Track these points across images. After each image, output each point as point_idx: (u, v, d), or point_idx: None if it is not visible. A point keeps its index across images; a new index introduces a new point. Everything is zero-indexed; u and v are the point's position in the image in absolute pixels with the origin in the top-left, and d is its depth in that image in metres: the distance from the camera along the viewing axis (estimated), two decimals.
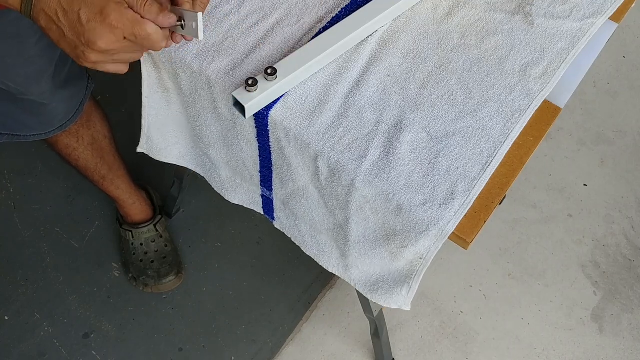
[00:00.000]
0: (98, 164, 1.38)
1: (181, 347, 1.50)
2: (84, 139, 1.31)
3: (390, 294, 0.95)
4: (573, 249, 1.66)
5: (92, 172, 1.40)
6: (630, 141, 1.84)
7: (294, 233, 1.05)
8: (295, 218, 1.02)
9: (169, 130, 1.08)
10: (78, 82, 1.19)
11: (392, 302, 0.96)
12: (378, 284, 0.96)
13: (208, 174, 1.11)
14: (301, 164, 0.90)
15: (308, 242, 1.03)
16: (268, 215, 1.08)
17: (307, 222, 1.00)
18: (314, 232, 1.01)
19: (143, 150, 1.11)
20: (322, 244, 1.01)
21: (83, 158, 1.35)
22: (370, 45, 0.92)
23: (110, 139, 1.37)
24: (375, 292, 0.97)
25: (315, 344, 1.52)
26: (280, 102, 0.88)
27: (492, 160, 0.84)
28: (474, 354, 1.51)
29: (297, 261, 1.61)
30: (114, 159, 1.42)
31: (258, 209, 1.09)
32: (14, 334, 1.50)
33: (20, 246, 1.61)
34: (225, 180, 1.09)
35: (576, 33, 0.95)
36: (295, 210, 1.00)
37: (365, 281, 0.98)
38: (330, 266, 1.02)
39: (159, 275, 1.53)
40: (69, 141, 1.30)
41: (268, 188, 1.02)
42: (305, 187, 0.94)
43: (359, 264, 0.96)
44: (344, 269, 1.00)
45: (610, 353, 1.52)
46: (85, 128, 1.30)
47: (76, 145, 1.31)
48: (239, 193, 1.09)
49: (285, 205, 1.02)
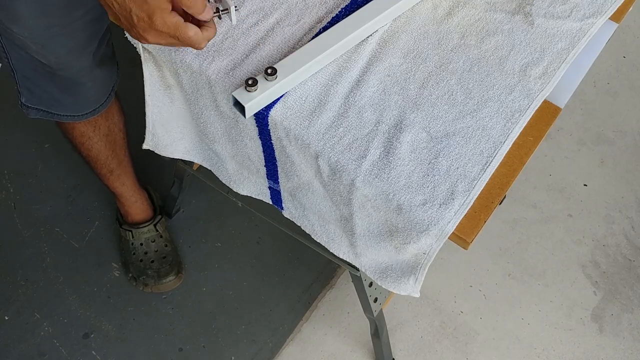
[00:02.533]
0: (109, 156, 1.38)
1: (181, 347, 1.50)
2: (100, 129, 1.31)
3: (398, 282, 0.95)
4: (573, 249, 1.66)
5: (101, 164, 1.40)
6: (630, 141, 1.84)
7: (304, 222, 1.06)
8: (304, 209, 1.03)
9: (174, 126, 1.08)
10: (112, 65, 1.20)
11: (401, 290, 0.96)
12: (387, 272, 0.96)
13: (215, 167, 1.12)
14: (303, 162, 0.90)
15: (317, 230, 1.04)
16: (277, 205, 1.09)
17: (315, 213, 1.01)
18: (322, 222, 1.01)
19: (148, 146, 1.11)
20: (331, 233, 1.01)
21: (96, 148, 1.35)
22: (370, 45, 0.92)
23: (124, 132, 1.38)
24: (385, 280, 0.98)
25: (315, 344, 1.52)
26: (280, 102, 0.88)
27: (492, 160, 0.84)
28: (474, 354, 1.51)
29: (297, 261, 1.61)
30: (124, 154, 1.42)
31: (267, 199, 1.10)
32: (14, 334, 1.50)
33: (20, 246, 1.61)
34: (232, 173, 1.09)
35: (576, 33, 0.95)
36: (303, 201, 1.00)
37: (375, 268, 0.98)
38: (341, 253, 1.03)
39: (158, 275, 1.53)
40: (85, 129, 1.30)
41: (275, 181, 1.02)
42: (310, 182, 0.94)
43: (367, 253, 0.97)
44: (354, 256, 1.01)
45: (610, 353, 1.52)
46: (104, 118, 1.30)
47: (92, 135, 1.31)
48: (247, 185, 1.09)
49: (292, 197, 1.02)
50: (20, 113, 1.79)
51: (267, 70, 0.84)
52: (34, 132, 1.78)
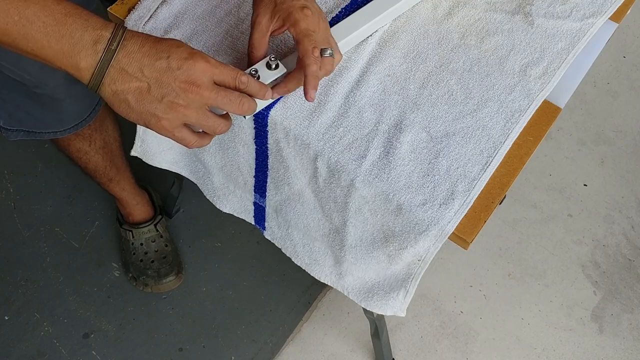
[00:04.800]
0: (107, 166, 1.38)
1: (181, 347, 1.50)
2: (96, 143, 1.31)
3: (386, 300, 0.95)
4: (573, 249, 1.66)
5: (100, 174, 1.40)
6: (630, 141, 1.84)
7: (285, 243, 1.05)
8: (288, 226, 1.02)
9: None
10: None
11: (387, 309, 0.96)
12: (373, 290, 0.95)
13: (200, 180, 1.11)
14: (299, 166, 0.90)
15: (300, 251, 1.03)
16: (259, 224, 1.08)
17: (300, 230, 1.00)
18: (307, 240, 1.00)
19: (137, 153, 1.10)
20: (315, 252, 1.01)
21: (93, 161, 1.35)
22: (370, 45, 0.92)
23: (120, 142, 1.38)
24: (370, 300, 0.97)
25: (315, 344, 1.52)
26: (281, 102, 0.88)
27: (492, 160, 0.84)
28: (474, 354, 1.51)
29: None
30: (122, 162, 1.42)
31: (249, 218, 1.08)
32: (14, 334, 1.50)
33: (20, 246, 1.61)
34: (217, 187, 1.08)
35: (576, 33, 0.95)
36: (289, 217, 1.00)
37: (360, 288, 0.98)
38: (323, 275, 1.02)
39: (159, 275, 1.53)
40: (81, 145, 1.29)
41: (261, 194, 1.01)
42: (301, 191, 0.93)
43: (353, 270, 0.96)
44: (337, 277, 1.00)
45: (610, 353, 1.52)
46: (98, 132, 1.30)
47: (88, 149, 1.31)
48: (231, 201, 1.09)
49: (277, 213, 1.02)
50: None
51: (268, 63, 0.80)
52: None
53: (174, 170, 1.13)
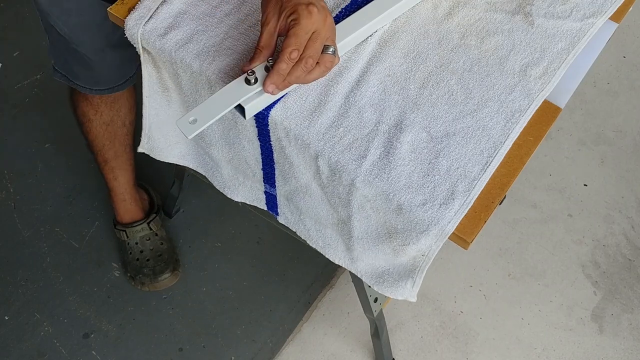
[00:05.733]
0: (105, 145, 1.39)
1: (181, 347, 1.50)
2: (102, 116, 1.33)
3: (395, 287, 0.95)
4: (573, 249, 1.66)
5: (96, 150, 1.41)
6: (630, 141, 1.84)
7: (299, 227, 1.05)
8: (300, 213, 1.02)
9: (170, 130, 1.08)
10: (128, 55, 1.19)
11: (398, 294, 0.96)
12: (384, 276, 0.96)
13: (210, 172, 1.11)
14: (302, 163, 0.90)
15: (313, 236, 1.03)
16: (272, 211, 1.08)
17: (311, 217, 1.01)
18: (319, 227, 1.01)
19: (144, 150, 1.11)
20: (327, 238, 1.01)
21: (93, 133, 1.37)
22: (370, 45, 0.92)
23: (128, 129, 1.39)
24: (382, 284, 0.97)
25: (315, 344, 1.52)
26: (281, 102, 0.88)
27: (492, 160, 0.84)
28: (474, 354, 1.51)
29: (297, 261, 1.61)
30: (123, 150, 1.42)
31: (262, 205, 1.09)
32: (14, 334, 1.50)
33: (20, 246, 1.61)
34: (227, 179, 1.09)
35: (576, 33, 0.95)
36: (300, 205, 1.00)
37: (372, 273, 0.98)
38: (337, 259, 1.02)
39: (154, 273, 1.52)
40: (87, 110, 1.32)
41: (271, 185, 1.02)
42: (308, 185, 0.94)
43: (364, 257, 0.97)
44: (350, 261, 1.00)
45: (610, 353, 1.53)
46: (108, 107, 1.32)
47: (92, 117, 1.33)
48: (242, 191, 1.09)
49: (289, 201, 1.02)
50: (20, 113, 1.80)
51: (266, 66, 0.83)
52: (34, 132, 1.78)
53: (183, 163, 1.13)
